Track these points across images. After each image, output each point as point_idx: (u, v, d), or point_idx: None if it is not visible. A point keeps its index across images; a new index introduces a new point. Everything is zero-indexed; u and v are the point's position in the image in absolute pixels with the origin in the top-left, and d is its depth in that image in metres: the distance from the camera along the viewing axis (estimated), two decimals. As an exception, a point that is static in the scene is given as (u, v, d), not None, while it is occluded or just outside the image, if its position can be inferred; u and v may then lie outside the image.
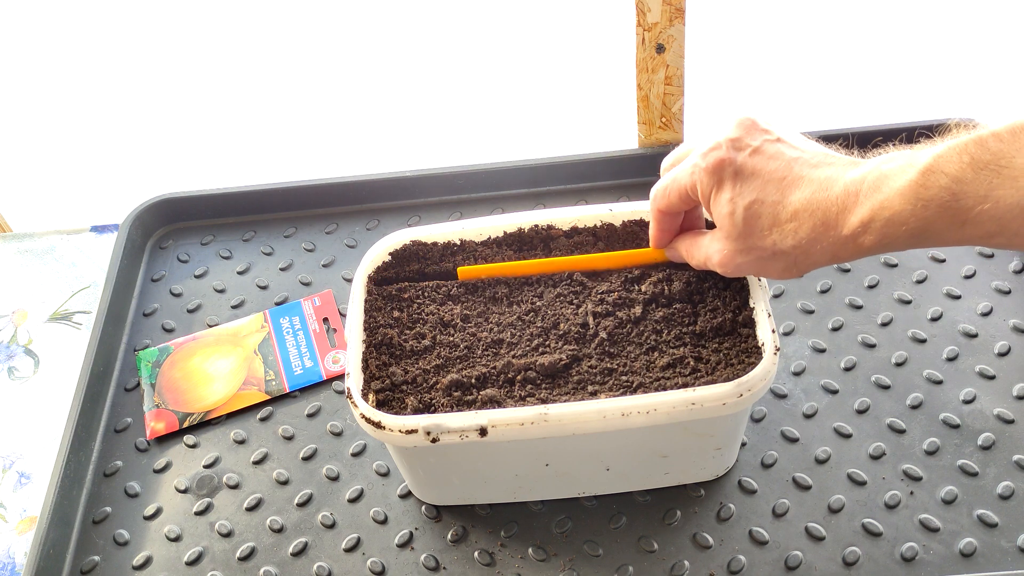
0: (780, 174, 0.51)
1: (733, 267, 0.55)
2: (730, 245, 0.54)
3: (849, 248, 0.49)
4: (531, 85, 1.25)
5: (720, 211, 0.53)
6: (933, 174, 0.44)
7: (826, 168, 0.50)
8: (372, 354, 0.62)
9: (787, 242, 0.51)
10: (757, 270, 0.55)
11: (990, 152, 0.43)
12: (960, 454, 0.65)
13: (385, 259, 0.68)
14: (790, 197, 0.50)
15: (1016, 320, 0.72)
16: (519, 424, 0.56)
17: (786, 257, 0.52)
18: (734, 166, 0.52)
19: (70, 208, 1.14)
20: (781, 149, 0.52)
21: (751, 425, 0.68)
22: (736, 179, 0.52)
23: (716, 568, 0.62)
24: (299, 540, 0.66)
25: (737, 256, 0.54)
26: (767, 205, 0.51)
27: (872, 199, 0.47)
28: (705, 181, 0.54)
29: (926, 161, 0.45)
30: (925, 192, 0.45)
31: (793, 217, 0.50)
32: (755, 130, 0.54)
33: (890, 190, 0.46)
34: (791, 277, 0.54)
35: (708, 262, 0.57)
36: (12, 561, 0.69)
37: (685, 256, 0.61)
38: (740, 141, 0.53)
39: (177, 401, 0.74)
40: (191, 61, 1.32)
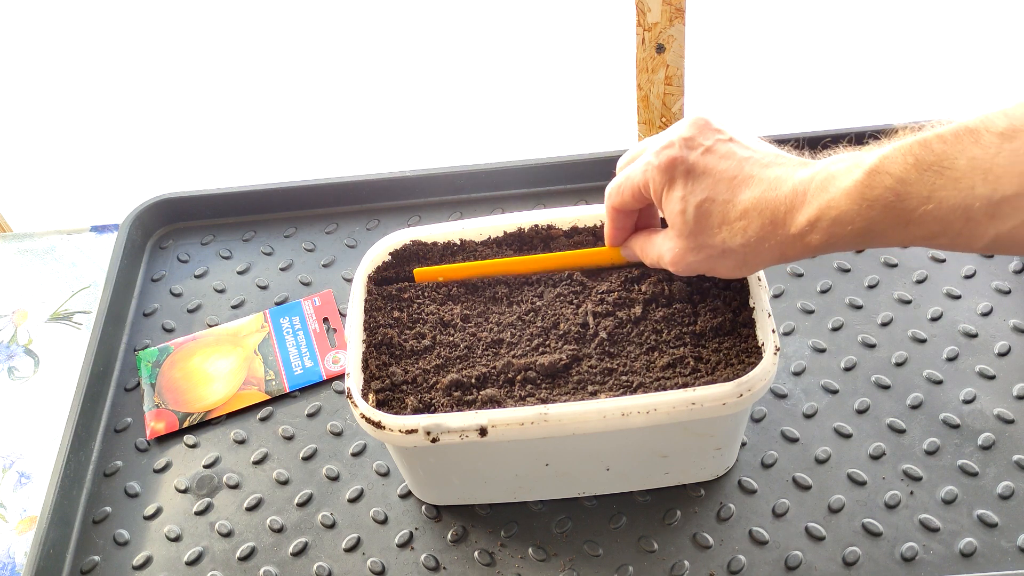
0: (731, 173, 0.52)
1: (684, 265, 0.55)
2: (681, 243, 0.55)
3: (797, 247, 0.50)
4: (531, 85, 1.25)
5: (672, 209, 0.54)
6: (878, 174, 0.45)
7: (776, 168, 0.51)
8: (372, 354, 0.62)
9: (736, 240, 0.52)
10: (708, 268, 0.55)
11: (934, 153, 0.43)
12: (960, 454, 0.65)
13: (385, 259, 0.68)
14: (740, 196, 0.51)
15: (1016, 320, 0.72)
16: (519, 424, 0.56)
17: (735, 255, 0.53)
18: (686, 164, 0.53)
19: (70, 208, 1.14)
20: (733, 149, 0.53)
21: (751, 425, 0.68)
22: (688, 177, 0.53)
23: (716, 568, 0.62)
24: (299, 540, 0.66)
25: (688, 254, 0.55)
26: (717, 204, 0.52)
27: (819, 198, 0.48)
28: (657, 179, 0.54)
29: (872, 162, 0.46)
30: (870, 192, 0.45)
31: (742, 216, 0.51)
32: (708, 130, 0.54)
33: (837, 190, 0.47)
34: (741, 275, 0.55)
35: (660, 260, 0.57)
36: (12, 561, 0.69)
37: (639, 254, 0.61)
38: (693, 140, 0.54)
39: (177, 401, 0.74)
40: (191, 61, 1.32)
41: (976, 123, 0.43)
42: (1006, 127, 0.42)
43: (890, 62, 1.21)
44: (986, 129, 0.42)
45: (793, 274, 0.77)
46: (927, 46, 1.22)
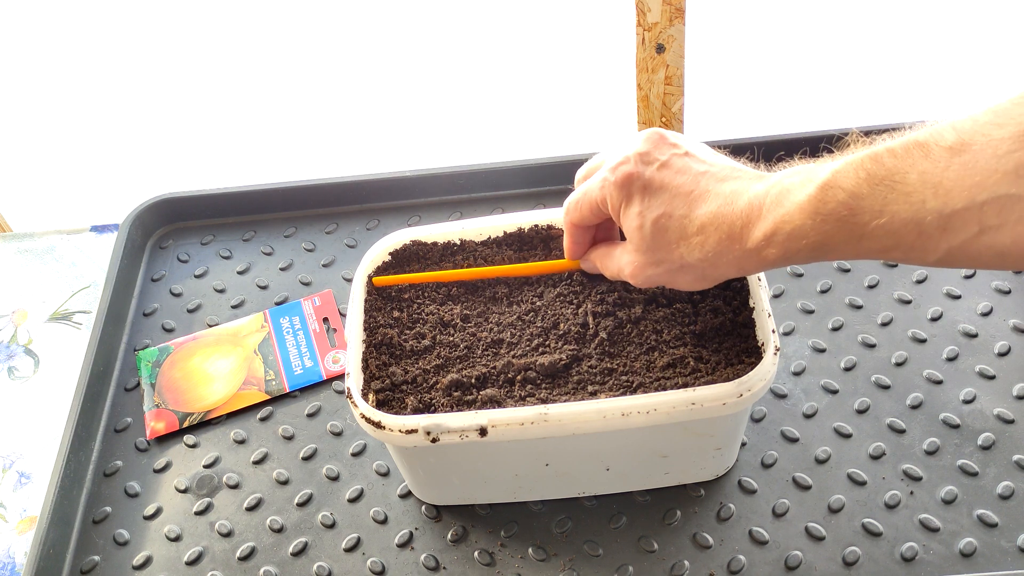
0: (687, 188, 0.52)
1: (644, 278, 0.56)
2: (640, 258, 0.55)
3: (753, 261, 0.50)
4: (531, 85, 1.25)
5: (629, 225, 0.54)
6: (831, 189, 0.45)
7: (732, 182, 0.51)
8: (372, 354, 0.62)
9: (694, 255, 0.52)
10: (667, 281, 0.55)
11: (885, 168, 0.44)
12: (960, 454, 0.65)
13: (385, 259, 0.68)
14: (697, 211, 0.51)
15: (1016, 320, 0.72)
16: (519, 424, 0.56)
17: (694, 270, 0.53)
18: (642, 180, 0.53)
19: (70, 208, 1.14)
20: (688, 163, 0.53)
21: (751, 425, 0.68)
22: (644, 193, 0.53)
23: (716, 568, 0.62)
24: (299, 540, 0.66)
25: (647, 268, 0.55)
26: (675, 219, 0.52)
27: (774, 213, 0.48)
28: (614, 195, 0.54)
29: (825, 176, 0.46)
30: (823, 207, 0.46)
31: (700, 231, 0.51)
32: (663, 144, 0.54)
33: (791, 204, 0.47)
34: (701, 288, 0.55)
35: (620, 274, 0.58)
36: (12, 561, 0.69)
37: (599, 267, 0.61)
38: (648, 155, 0.54)
39: (177, 401, 0.74)
40: (191, 61, 1.32)
41: (926, 137, 0.43)
42: (954, 141, 0.42)
43: (890, 62, 1.21)
44: (935, 143, 0.42)
45: (793, 274, 0.77)
46: (927, 46, 1.22)
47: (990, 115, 0.41)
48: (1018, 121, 0.40)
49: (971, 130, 0.42)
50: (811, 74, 1.22)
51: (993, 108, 0.41)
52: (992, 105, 0.42)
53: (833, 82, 1.20)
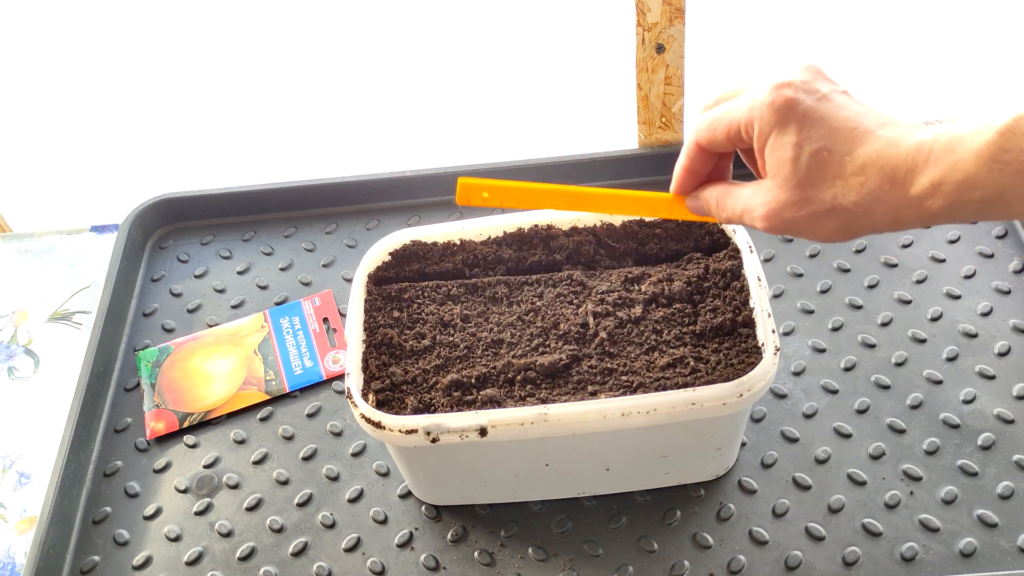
0: (850, 124, 0.48)
1: (780, 221, 0.50)
2: (784, 195, 0.49)
3: (913, 211, 0.46)
4: (531, 85, 1.25)
5: (781, 155, 0.49)
6: (1014, 135, 0.42)
7: (894, 127, 0.48)
8: (372, 354, 0.62)
9: (850, 197, 0.48)
10: (806, 227, 0.49)
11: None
12: (960, 454, 0.65)
13: (385, 259, 0.68)
14: (859, 150, 0.47)
15: (1016, 320, 0.72)
16: (519, 424, 0.56)
17: (845, 214, 0.48)
18: (803, 107, 0.48)
19: (70, 208, 1.14)
20: (849, 102, 0.49)
21: (751, 425, 0.68)
22: (803, 122, 0.48)
23: (716, 568, 0.62)
24: (299, 540, 0.66)
25: (788, 208, 0.49)
26: (835, 154, 0.47)
27: (945, 160, 0.44)
28: (768, 118, 0.49)
29: (1005, 122, 0.42)
30: (1004, 155, 0.42)
31: (860, 171, 0.47)
32: (822, 78, 0.50)
33: (965, 151, 0.43)
34: (840, 240, 0.50)
35: (747, 215, 0.51)
36: (12, 561, 0.69)
37: (714, 207, 0.54)
38: (809, 84, 0.49)
39: (177, 401, 0.74)
40: (191, 61, 1.32)
41: None
42: None
43: (890, 62, 1.21)
44: None
45: (793, 274, 0.77)
46: (927, 46, 1.22)
47: None
48: None
49: None
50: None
51: None
52: None
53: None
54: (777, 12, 1.31)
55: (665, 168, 0.85)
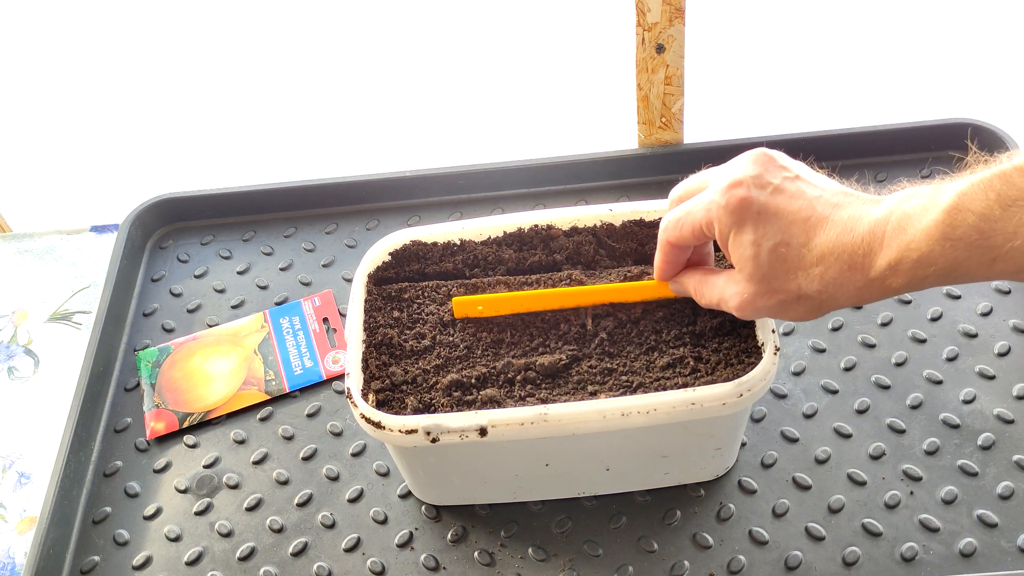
0: (804, 214, 0.50)
1: (752, 310, 0.53)
2: (752, 288, 0.52)
3: (876, 290, 0.48)
4: (531, 85, 1.25)
5: (742, 253, 0.51)
6: (960, 212, 0.43)
7: (848, 208, 0.49)
8: (372, 354, 0.62)
9: (813, 286, 0.50)
10: (778, 313, 0.53)
11: (1016, 188, 0.42)
12: (960, 454, 0.65)
13: (385, 259, 0.68)
14: (815, 239, 0.49)
15: (1016, 320, 0.72)
16: (519, 424, 0.56)
17: (811, 300, 0.51)
18: (757, 205, 0.50)
19: (70, 208, 1.14)
20: (802, 187, 0.51)
21: (751, 425, 0.68)
22: (759, 220, 0.50)
23: (716, 568, 0.62)
24: (299, 540, 0.66)
25: (758, 299, 0.52)
26: (793, 247, 0.50)
27: (898, 240, 0.46)
28: (725, 220, 0.51)
29: (951, 199, 0.44)
30: (953, 231, 0.44)
31: (820, 260, 0.49)
32: (774, 167, 0.52)
33: (916, 230, 0.45)
34: (812, 319, 0.53)
35: (723, 304, 0.55)
36: (12, 561, 0.69)
37: (693, 294, 0.58)
38: (761, 178, 0.51)
39: (177, 401, 0.74)
40: (191, 61, 1.32)
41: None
42: None
43: (890, 62, 1.21)
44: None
45: (793, 274, 0.77)
46: (927, 46, 1.22)
47: None
48: None
49: None
50: (811, 74, 1.22)
51: None
52: None
53: (833, 82, 1.20)
54: (777, 12, 1.31)
55: (665, 169, 0.85)
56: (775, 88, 1.22)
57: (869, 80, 1.20)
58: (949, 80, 1.18)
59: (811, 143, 0.84)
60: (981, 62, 1.20)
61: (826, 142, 0.84)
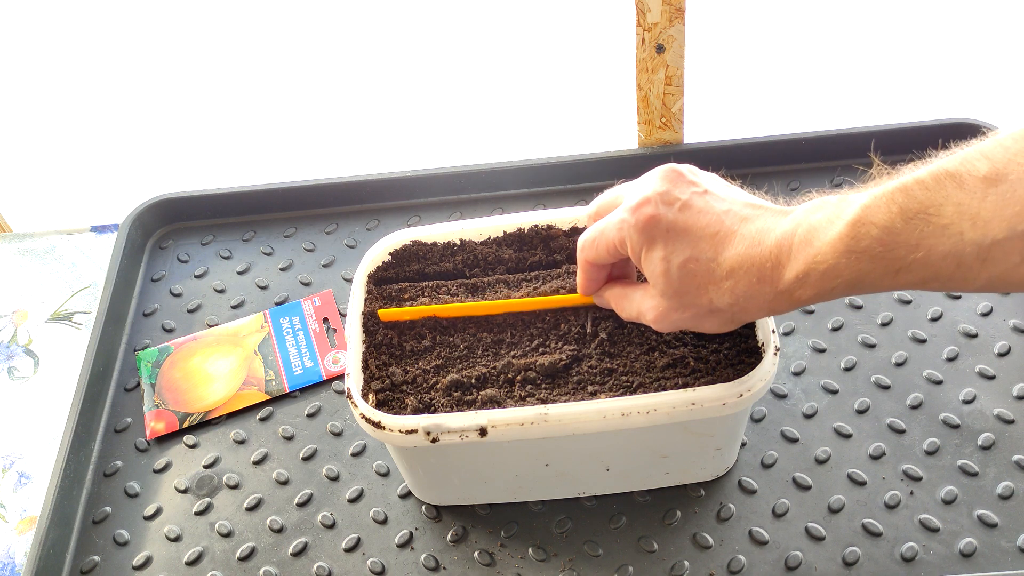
0: (712, 229, 0.50)
1: (668, 323, 0.54)
2: (665, 303, 0.53)
3: (785, 302, 0.49)
4: (531, 85, 1.25)
5: (653, 269, 0.52)
6: (863, 225, 0.44)
7: (756, 221, 0.50)
8: (372, 354, 0.62)
9: (724, 300, 0.50)
10: (693, 325, 0.54)
11: (917, 201, 0.43)
12: (960, 454, 0.65)
13: (385, 259, 0.68)
14: (724, 254, 0.50)
15: (1016, 320, 0.72)
16: (519, 424, 0.56)
17: (723, 314, 0.52)
18: (665, 222, 0.51)
19: (70, 208, 1.14)
20: (710, 202, 0.52)
21: (751, 425, 0.68)
22: (668, 236, 0.51)
23: (716, 568, 0.62)
24: (299, 540, 0.66)
25: (672, 313, 0.53)
26: (702, 263, 0.50)
27: (805, 253, 0.47)
28: (635, 238, 0.52)
29: (855, 212, 0.45)
30: (857, 244, 0.45)
31: (729, 275, 0.50)
32: (682, 182, 0.53)
33: (822, 243, 0.46)
34: (728, 330, 0.54)
35: (641, 317, 0.56)
36: (12, 561, 0.69)
37: (615, 307, 0.59)
38: (669, 195, 0.52)
39: (177, 401, 0.74)
40: (191, 61, 1.32)
41: (956, 167, 0.42)
42: (988, 171, 0.41)
43: (890, 62, 1.21)
44: (968, 173, 0.42)
45: (793, 274, 0.77)
46: (927, 46, 1.22)
47: (1021, 142, 0.40)
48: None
49: (1003, 159, 0.41)
50: (811, 74, 1.22)
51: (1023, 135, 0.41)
52: (1020, 131, 0.41)
53: (833, 82, 1.20)
54: (777, 12, 1.31)
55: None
56: (775, 88, 1.22)
57: (869, 80, 1.20)
58: (949, 80, 1.18)
59: (811, 143, 0.84)
60: (981, 62, 1.20)
61: (826, 142, 0.84)
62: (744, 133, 0.86)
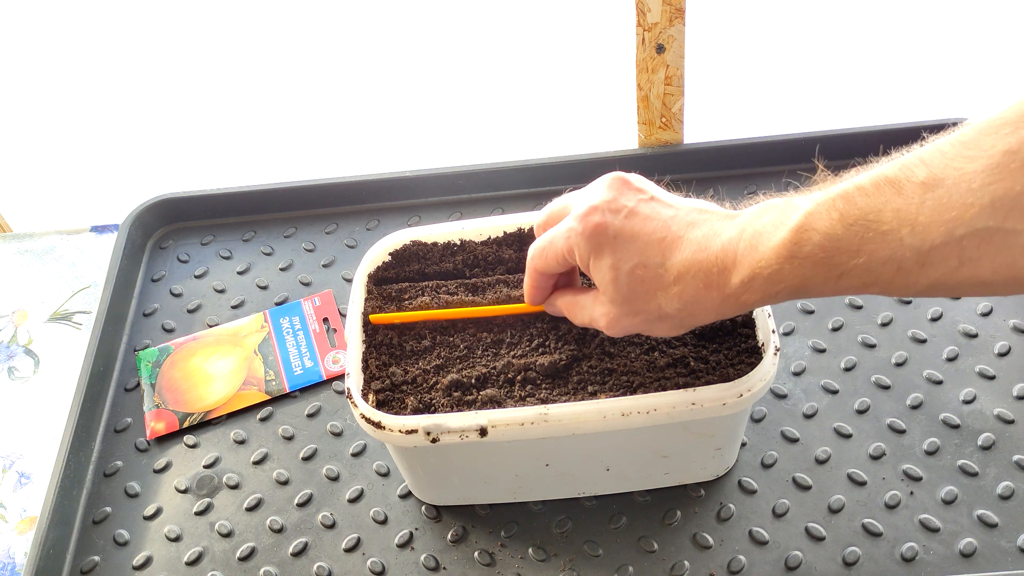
0: (659, 235, 0.51)
1: (620, 329, 0.54)
2: (615, 309, 0.53)
3: (732, 306, 0.49)
4: (531, 85, 1.25)
5: (602, 277, 0.53)
6: (806, 231, 0.45)
7: (702, 225, 0.50)
8: (372, 354, 0.62)
9: (673, 305, 0.51)
10: (645, 330, 0.54)
11: (857, 207, 0.43)
12: (960, 454, 0.65)
13: (385, 259, 0.68)
14: (671, 259, 0.50)
15: (1016, 320, 0.72)
16: (519, 424, 0.56)
17: (672, 319, 0.52)
18: (612, 230, 0.52)
19: (70, 208, 1.14)
20: (656, 208, 0.52)
21: (751, 425, 0.68)
22: (615, 244, 0.52)
23: (716, 568, 0.62)
24: (299, 540, 0.66)
25: (623, 319, 0.53)
26: (650, 268, 0.51)
27: (750, 258, 0.47)
28: (583, 246, 0.53)
29: (797, 219, 0.45)
30: (799, 250, 0.45)
31: (677, 280, 0.50)
32: (628, 189, 0.53)
33: (766, 249, 0.46)
34: (678, 334, 0.54)
35: (593, 323, 0.56)
36: (12, 561, 0.69)
37: (566, 314, 0.59)
38: (615, 202, 0.52)
39: (177, 401, 0.74)
40: (191, 61, 1.32)
41: (895, 173, 0.42)
42: (926, 176, 0.41)
43: (890, 62, 1.21)
44: (907, 179, 0.42)
45: (793, 274, 0.77)
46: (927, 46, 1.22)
47: (958, 147, 0.41)
48: (988, 153, 0.39)
49: (941, 164, 0.41)
50: (811, 74, 1.22)
51: (960, 140, 0.41)
52: (958, 136, 0.41)
53: (832, 82, 1.20)
54: (777, 12, 1.31)
55: (665, 169, 0.85)
56: (775, 88, 1.22)
57: (869, 80, 1.20)
58: (949, 80, 1.18)
59: (811, 143, 0.84)
60: (980, 62, 1.20)
61: (826, 142, 0.84)
62: (744, 133, 0.86)
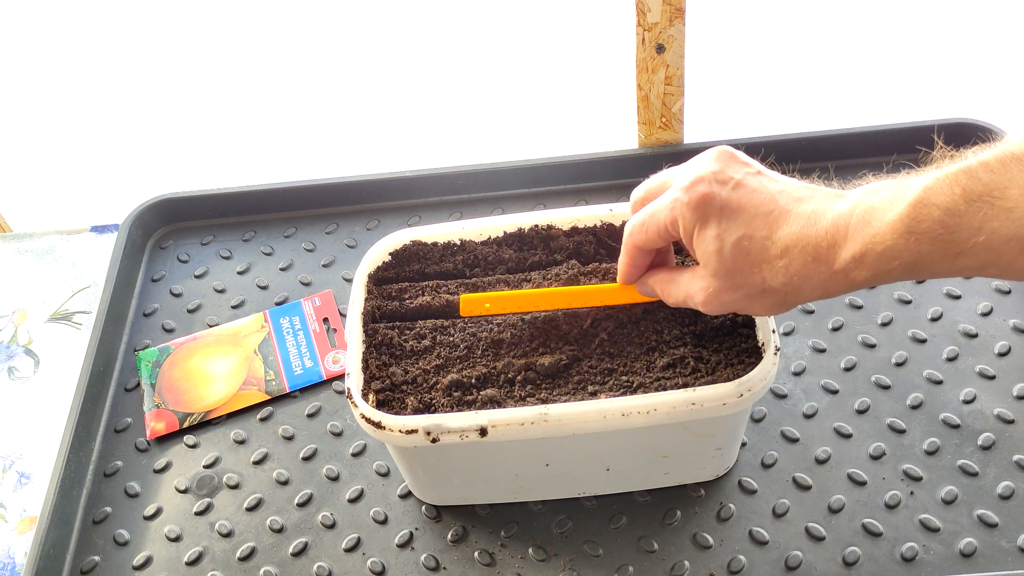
0: (766, 208, 0.50)
1: (718, 304, 0.53)
2: (716, 283, 0.52)
3: (841, 283, 0.48)
4: (531, 85, 1.25)
5: (706, 248, 0.51)
6: (925, 206, 0.44)
7: (811, 201, 0.49)
8: (372, 354, 0.62)
9: (778, 279, 0.50)
10: (744, 307, 0.53)
11: (981, 183, 0.42)
12: (960, 454, 0.65)
13: (385, 259, 0.68)
14: (779, 232, 0.49)
15: (1016, 320, 0.72)
16: (519, 424, 0.56)
17: (776, 294, 0.51)
18: (719, 200, 0.50)
19: (70, 208, 1.14)
20: (763, 182, 0.51)
21: (751, 425, 0.68)
22: (722, 214, 0.50)
23: (716, 568, 0.62)
24: (299, 540, 0.66)
25: (723, 294, 0.52)
26: (756, 241, 0.50)
27: (863, 233, 0.46)
28: (688, 217, 0.51)
29: (916, 193, 0.44)
30: (917, 225, 0.44)
31: (784, 253, 0.49)
32: (735, 163, 0.52)
33: (881, 223, 0.45)
34: (778, 313, 0.53)
35: (689, 300, 0.54)
36: (12, 561, 0.69)
37: (660, 294, 0.58)
38: (722, 174, 0.51)
39: (177, 401, 0.74)
40: (191, 61, 1.32)
41: (1022, 149, 0.41)
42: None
43: (890, 62, 1.21)
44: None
45: (793, 274, 0.77)
46: (928, 46, 1.22)
47: None
48: None
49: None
50: (811, 74, 1.22)
51: None
52: None
53: (833, 82, 1.20)
54: (777, 12, 1.31)
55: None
56: (775, 88, 1.22)
57: (869, 80, 1.20)
58: (949, 80, 1.18)
59: (811, 143, 0.84)
60: (981, 62, 1.20)
61: (826, 142, 0.84)
62: (744, 133, 0.86)
